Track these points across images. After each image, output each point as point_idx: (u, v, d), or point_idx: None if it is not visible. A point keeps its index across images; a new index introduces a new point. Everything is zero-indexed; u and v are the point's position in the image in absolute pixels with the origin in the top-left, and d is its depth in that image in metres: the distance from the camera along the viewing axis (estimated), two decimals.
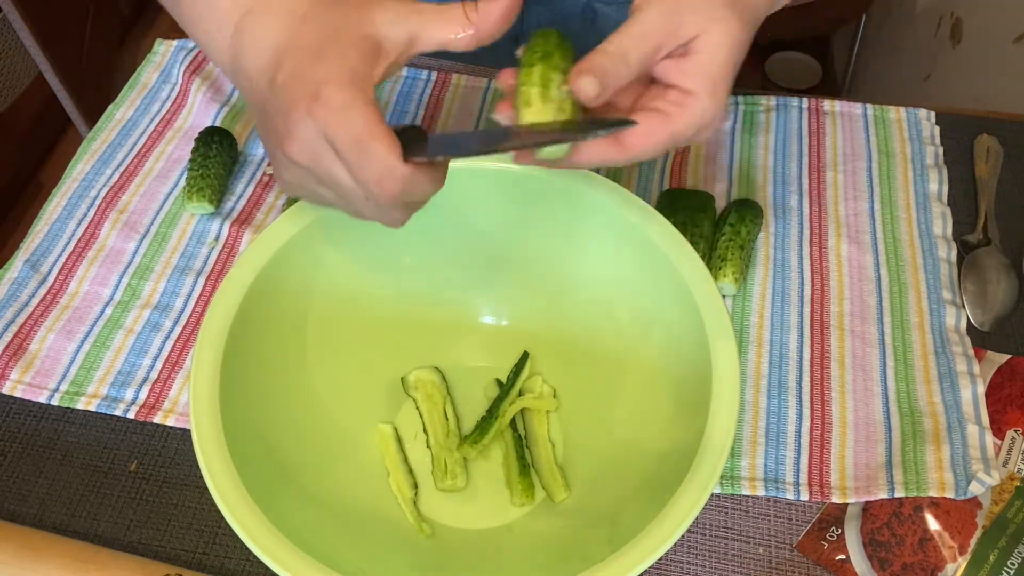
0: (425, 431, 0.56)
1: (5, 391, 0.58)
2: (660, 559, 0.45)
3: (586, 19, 0.86)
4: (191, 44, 0.79)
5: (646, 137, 0.41)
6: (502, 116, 0.42)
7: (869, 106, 0.75)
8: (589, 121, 0.42)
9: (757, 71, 1.92)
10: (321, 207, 0.45)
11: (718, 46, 0.41)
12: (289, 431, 0.51)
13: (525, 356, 0.58)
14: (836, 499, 0.54)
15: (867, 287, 0.64)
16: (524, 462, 0.54)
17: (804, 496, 0.54)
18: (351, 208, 0.42)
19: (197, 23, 0.44)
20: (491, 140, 0.42)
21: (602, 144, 0.41)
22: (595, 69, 0.39)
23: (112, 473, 0.56)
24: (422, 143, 0.41)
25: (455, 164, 0.53)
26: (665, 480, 0.44)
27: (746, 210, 0.64)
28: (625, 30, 0.41)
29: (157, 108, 0.75)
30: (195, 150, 0.68)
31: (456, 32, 0.41)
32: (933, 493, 0.53)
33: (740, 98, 0.75)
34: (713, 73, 0.41)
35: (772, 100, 0.75)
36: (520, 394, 0.57)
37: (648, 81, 0.43)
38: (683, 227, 0.62)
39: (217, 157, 0.68)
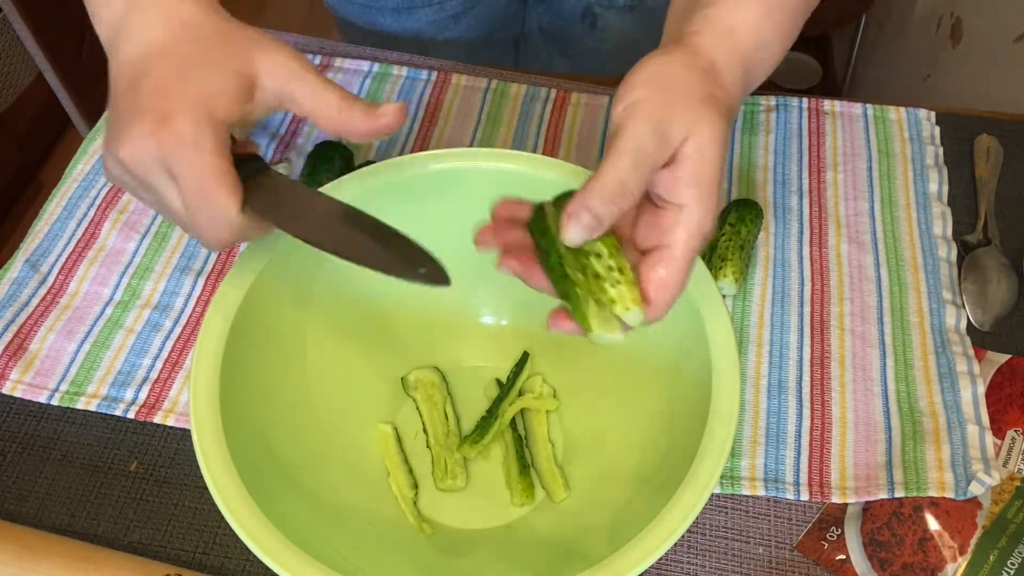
0: (425, 431, 0.56)
1: (5, 391, 0.58)
2: (660, 559, 0.45)
3: (586, 23, 0.86)
4: None
5: (667, 285, 0.40)
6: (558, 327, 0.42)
7: (869, 106, 0.75)
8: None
9: None
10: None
11: (706, 147, 0.39)
12: (289, 431, 0.51)
13: (525, 356, 0.58)
14: (836, 499, 0.54)
15: (867, 287, 0.64)
16: (524, 462, 0.54)
17: (804, 496, 0.54)
18: (170, 218, 0.42)
19: None
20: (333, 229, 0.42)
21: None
22: (584, 212, 0.38)
23: (112, 473, 0.56)
24: (262, 173, 0.41)
25: (455, 164, 0.53)
26: (665, 480, 0.44)
27: (746, 210, 0.64)
28: (617, 153, 0.38)
29: None
30: None
31: (325, 113, 0.40)
32: (933, 493, 0.53)
33: None
34: (704, 177, 0.39)
35: (772, 100, 0.75)
36: (520, 394, 0.57)
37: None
38: None
39: None
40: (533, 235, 0.42)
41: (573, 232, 0.38)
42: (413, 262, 0.40)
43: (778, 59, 0.46)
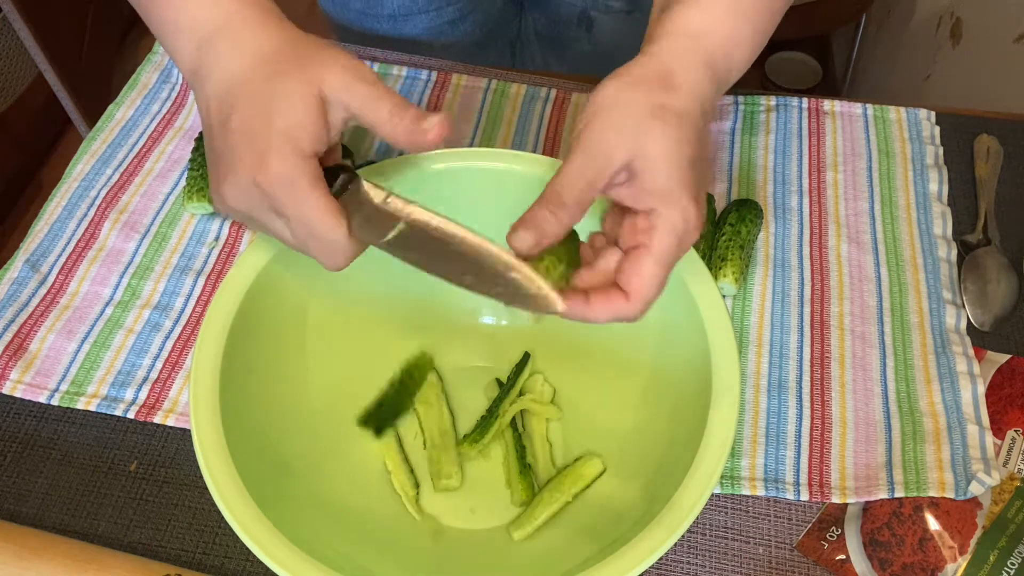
0: (422, 431, 0.56)
1: (5, 391, 0.58)
2: (660, 559, 0.45)
3: (582, 27, 0.86)
4: None
5: (641, 276, 0.41)
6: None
7: (869, 106, 0.75)
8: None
9: (757, 71, 1.92)
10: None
11: (655, 159, 0.40)
12: (289, 431, 0.51)
13: (526, 357, 0.58)
14: (836, 499, 0.54)
15: (867, 287, 0.64)
16: (524, 462, 0.54)
17: (804, 496, 0.54)
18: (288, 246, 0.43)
19: (164, 25, 0.43)
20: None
21: (607, 298, 0.42)
22: (528, 221, 0.40)
23: (112, 473, 0.56)
24: (353, 183, 0.42)
25: (455, 164, 0.53)
26: (665, 480, 0.44)
27: (746, 210, 0.64)
28: (558, 173, 0.41)
29: (157, 108, 0.75)
30: (195, 150, 0.68)
31: (388, 123, 0.41)
32: (933, 493, 0.53)
33: (740, 98, 0.75)
34: (663, 186, 0.41)
35: (772, 100, 0.75)
36: (521, 393, 0.57)
37: (623, 209, 0.43)
38: None
39: None
40: None
41: (516, 241, 0.40)
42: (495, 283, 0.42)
43: (753, 52, 0.46)
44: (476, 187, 0.54)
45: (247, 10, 0.42)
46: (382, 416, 0.53)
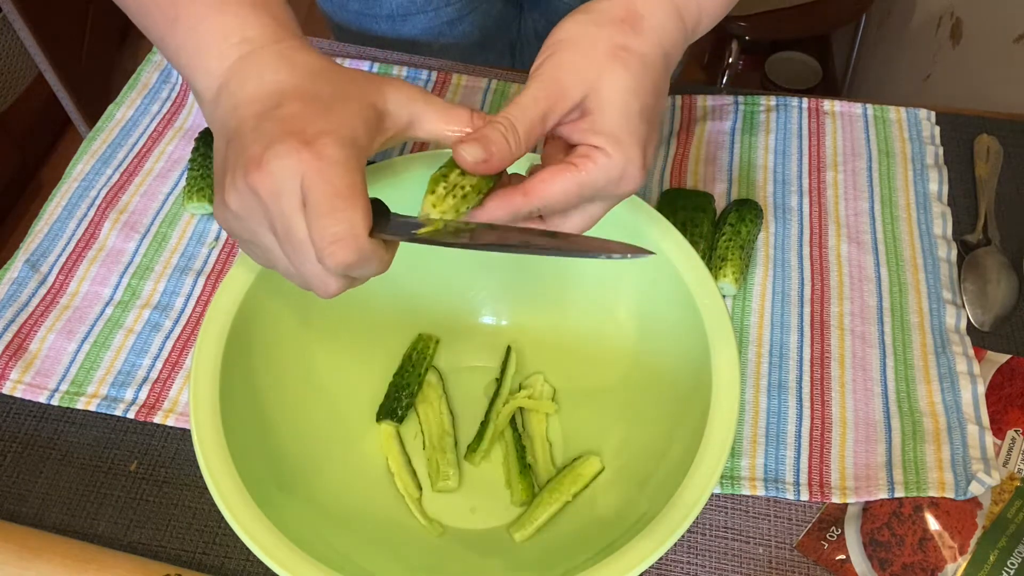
0: (422, 431, 0.56)
1: (5, 391, 0.58)
2: (660, 559, 0.45)
3: None
4: None
5: (549, 183, 0.40)
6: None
7: (869, 106, 0.75)
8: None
9: (757, 71, 1.92)
10: (250, 255, 0.42)
11: (610, 102, 0.40)
12: (289, 431, 0.51)
13: (508, 351, 0.58)
14: (836, 499, 0.54)
15: (867, 287, 0.64)
16: (524, 462, 0.54)
17: (804, 496, 0.54)
18: (288, 263, 0.39)
19: (185, 36, 0.42)
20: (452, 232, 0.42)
21: (507, 194, 0.41)
22: (480, 139, 0.39)
23: (112, 473, 0.56)
24: (383, 219, 0.40)
25: None
26: (665, 480, 0.44)
27: (746, 210, 0.64)
28: (512, 102, 0.41)
29: (157, 108, 0.75)
30: (195, 150, 0.68)
31: (453, 129, 0.41)
32: (933, 493, 0.53)
33: (740, 98, 0.75)
34: (613, 128, 0.40)
35: (772, 100, 0.75)
36: (520, 388, 0.57)
37: (570, 146, 0.43)
38: (683, 227, 0.62)
39: None
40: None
41: (464, 152, 0.39)
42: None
43: (720, 13, 0.45)
44: None
45: (298, 39, 0.42)
46: (396, 399, 0.54)
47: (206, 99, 0.41)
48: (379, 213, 0.40)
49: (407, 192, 0.48)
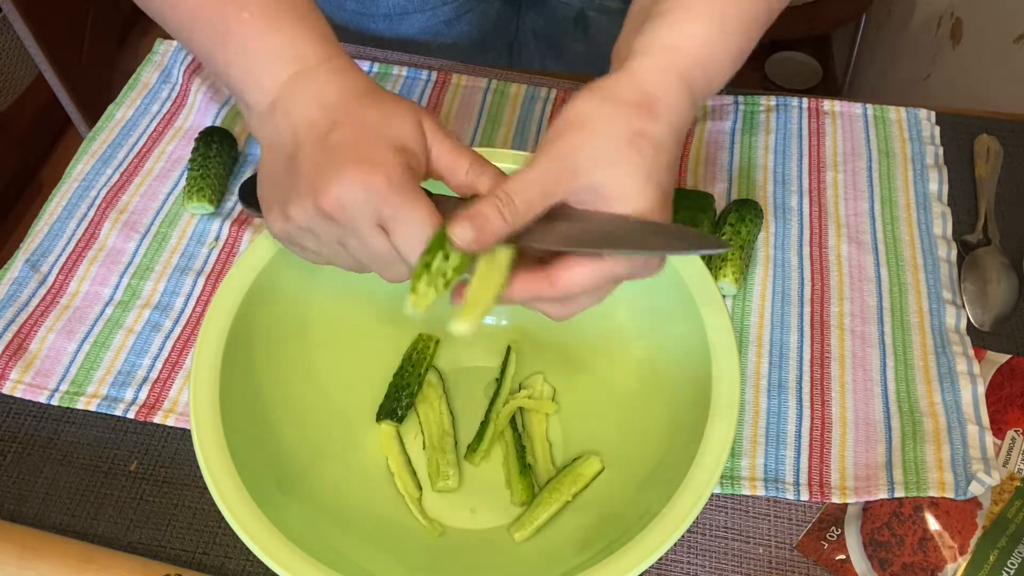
0: (422, 432, 0.56)
1: (5, 391, 0.58)
2: (660, 559, 0.45)
3: (579, 27, 0.86)
4: None
5: (578, 273, 0.40)
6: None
7: (869, 106, 0.75)
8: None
9: (757, 71, 1.92)
10: (305, 258, 0.45)
11: (628, 188, 0.40)
12: (289, 431, 0.51)
13: (508, 351, 0.58)
14: (836, 499, 0.54)
15: (867, 287, 0.64)
16: (524, 462, 0.54)
17: (804, 496, 0.54)
18: (348, 262, 0.43)
19: (237, 53, 0.43)
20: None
21: (533, 277, 0.41)
22: (473, 217, 0.39)
23: (112, 473, 0.56)
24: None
25: None
26: (665, 480, 0.44)
27: (746, 210, 0.64)
28: (515, 175, 0.41)
29: (157, 108, 0.75)
30: (195, 150, 0.68)
31: (455, 182, 0.43)
32: (933, 493, 0.53)
33: (740, 98, 0.75)
34: (631, 214, 0.40)
35: (772, 100, 0.75)
36: (520, 388, 0.57)
37: None
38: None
39: (217, 157, 0.68)
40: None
41: (456, 234, 0.39)
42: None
43: (732, 69, 0.45)
44: None
45: (344, 58, 0.44)
46: (396, 399, 0.54)
47: (257, 112, 0.43)
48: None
49: None
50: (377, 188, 0.39)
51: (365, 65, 0.77)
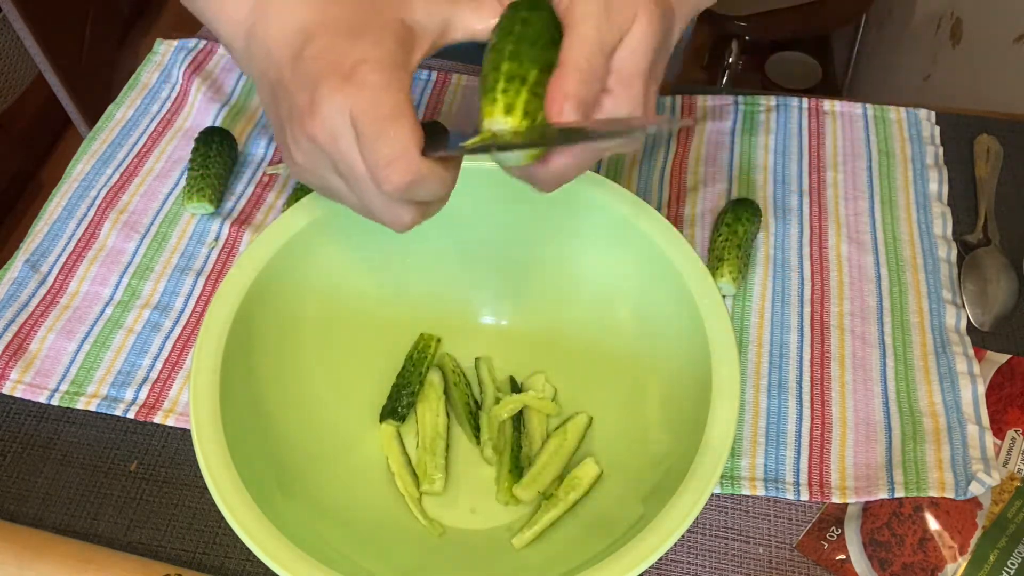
0: (418, 431, 0.56)
1: (5, 391, 0.58)
2: (660, 559, 0.45)
3: None
4: (191, 43, 0.79)
5: (566, 156, 0.38)
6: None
7: (869, 106, 0.75)
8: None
9: (757, 71, 1.92)
10: (328, 199, 0.43)
11: (641, 38, 0.37)
12: (289, 431, 0.51)
13: (477, 362, 0.59)
14: (836, 499, 0.54)
15: (867, 287, 0.64)
16: (517, 463, 0.54)
17: (804, 496, 0.54)
18: (359, 201, 0.40)
19: None
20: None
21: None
22: (573, 96, 0.36)
23: (112, 473, 0.56)
24: (443, 139, 0.38)
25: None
26: (665, 480, 0.44)
27: (742, 209, 0.64)
28: (580, 37, 0.37)
29: (157, 108, 0.75)
30: (195, 150, 0.68)
31: (489, 21, 0.40)
32: (933, 493, 0.53)
33: (740, 98, 0.75)
34: (634, 72, 0.38)
35: (772, 100, 0.75)
36: (520, 390, 0.57)
37: None
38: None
39: (217, 157, 0.68)
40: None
41: (566, 115, 0.36)
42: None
43: None
44: (477, 187, 0.53)
45: None
46: (397, 399, 0.54)
47: (236, 49, 0.41)
48: (436, 133, 0.39)
49: None
50: (349, 93, 0.35)
51: None
